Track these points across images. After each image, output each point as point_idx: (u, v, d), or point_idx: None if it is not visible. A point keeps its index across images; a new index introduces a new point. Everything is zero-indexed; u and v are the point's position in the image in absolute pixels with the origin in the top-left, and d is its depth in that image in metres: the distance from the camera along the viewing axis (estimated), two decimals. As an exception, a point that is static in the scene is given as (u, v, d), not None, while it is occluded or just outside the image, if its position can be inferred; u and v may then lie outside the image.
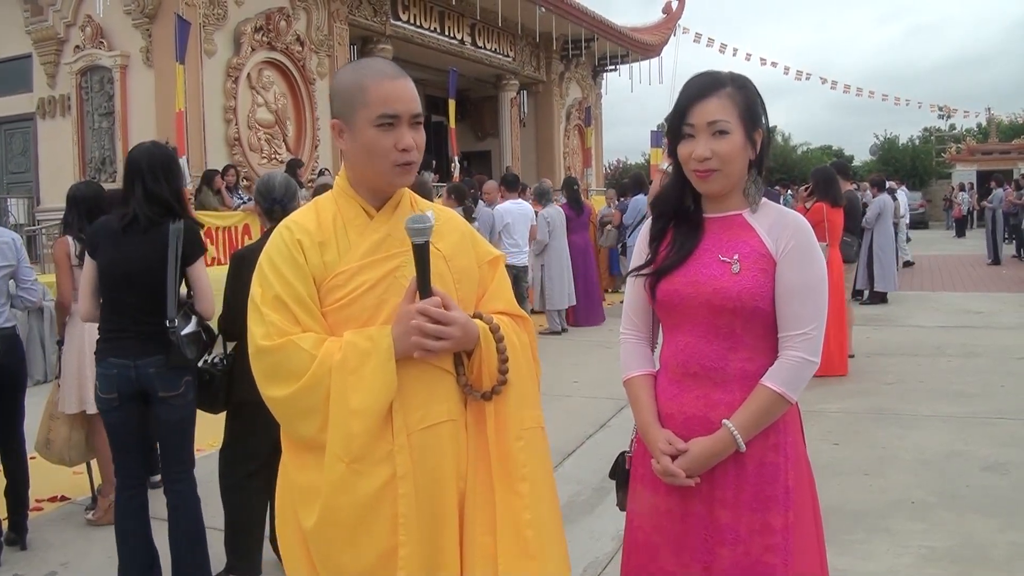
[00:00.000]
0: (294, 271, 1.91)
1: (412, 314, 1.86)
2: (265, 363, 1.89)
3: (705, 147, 2.04)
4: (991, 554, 3.88)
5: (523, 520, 1.93)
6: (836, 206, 7.73)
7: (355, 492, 1.83)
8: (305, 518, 1.88)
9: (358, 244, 1.95)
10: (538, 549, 1.93)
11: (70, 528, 4.64)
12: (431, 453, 1.90)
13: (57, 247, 4.64)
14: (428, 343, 1.87)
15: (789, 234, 2.06)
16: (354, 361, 1.84)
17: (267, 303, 1.89)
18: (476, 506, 1.94)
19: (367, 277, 1.92)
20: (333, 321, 1.92)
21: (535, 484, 1.97)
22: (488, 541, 1.92)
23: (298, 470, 1.94)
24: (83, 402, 4.51)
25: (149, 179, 3.54)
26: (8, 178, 15.43)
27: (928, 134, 50.42)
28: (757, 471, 2.05)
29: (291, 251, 1.92)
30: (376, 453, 1.84)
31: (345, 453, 1.82)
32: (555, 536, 2.02)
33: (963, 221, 30.98)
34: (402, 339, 1.87)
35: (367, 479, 1.83)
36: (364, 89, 1.92)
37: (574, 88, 25.35)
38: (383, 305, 1.92)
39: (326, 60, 15.17)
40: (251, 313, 1.92)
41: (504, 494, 1.95)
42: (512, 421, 1.98)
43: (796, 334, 2.03)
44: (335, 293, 1.92)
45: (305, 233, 1.94)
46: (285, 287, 1.89)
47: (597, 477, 4.98)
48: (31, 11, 13.98)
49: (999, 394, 6.80)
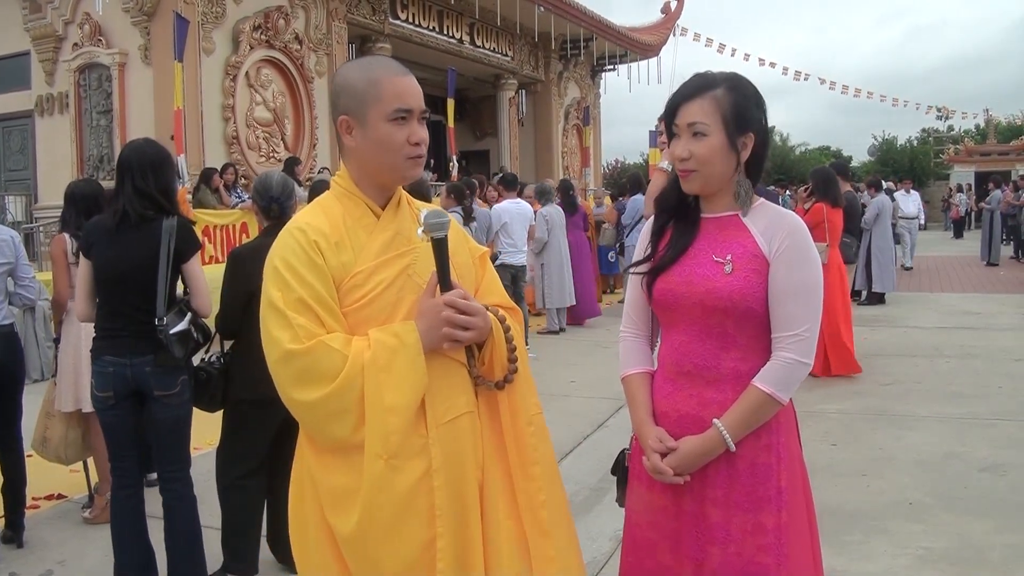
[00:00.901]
0: (314, 273, 1.91)
1: (440, 307, 1.91)
2: (295, 367, 1.87)
3: (684, 147, 2.09)
4: (988, 555, 3.89)
5: (538, 501, 2.03)
6: (836, 207, 7.72)
7: (394, 488, 1.86)
8: (342, 522, 1.89)
9: (370, 243, 1.97)
10: (552, 526, 2.04)
11: (67, 526, 4.64)
12: (456, 445, 1.95)
13: (54, 244, 4.63)
14: (458, 334, 1.93)
15: (784, 235, 2.07)
16: (384, 358, 1.87)
17: (291, 306, 1.88)
18: (496, 492, 2.01)
19: (384, 276, 1.95)
20: (353, 321, 1.93)
21: (546, 466, 2.08)
22: (512, 524, 2.00)
23: (326, 474, 1.93)
24: (79, 400, 4.50)
25: (138, 176, 3.54)
26: (6, 175, 15.41)
27: (926, 135, 50.47)
28: (749, 471, 2.06)
29: (309, 253, 1.92)
30: (412, 448, 1.88)
31: (384, 450, 1.85)
32: (564, 514, 2.12)
33: (961, 222, 31.01)
34: (430, 332, 1.91)
35: (404, 474, 1.87)
36: (377, 84, 1.95)
37: (573, 88, 25.33)
38: (400, 303, 1.96)
39: (324, 59, 15.15)
40: (272, 318, 1.90)
41: (521, 479, 2.03)
42: (521, 408, 2.07)
43: (788, 335, 2.04)
44: (354, 293, 1.93)
45: (321, 235, 1.94)
46: (307, 289, 1.89)
47: (595, 477, 4.98)
48: (30, 8, 13.96)
49: (997, 395, 6.81)
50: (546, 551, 2.00)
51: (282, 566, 3.94)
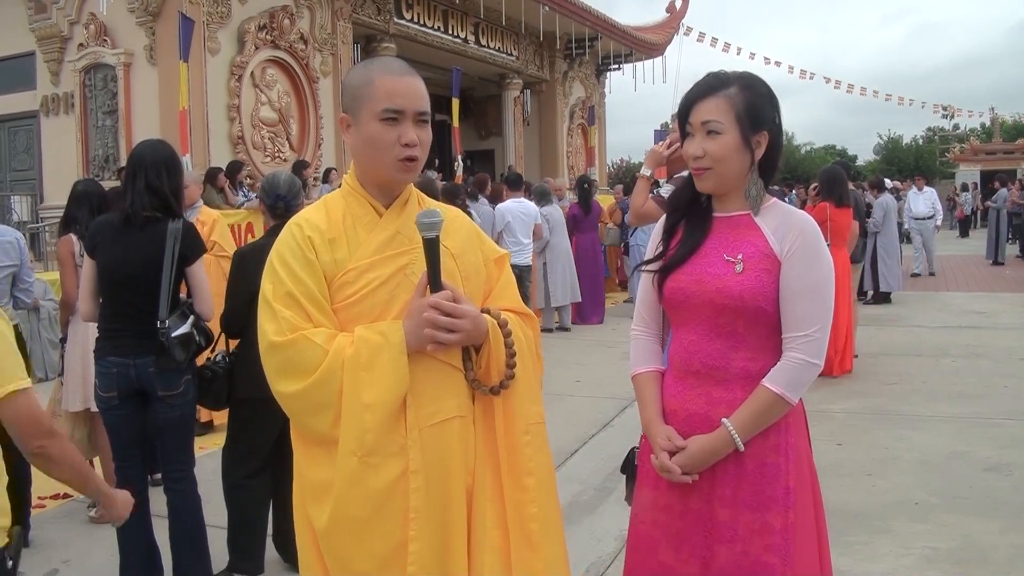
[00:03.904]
0: (306, 268, 1.92)
1: (424, 307, 1.89)
2: (277, 359, 1.90)
3: (698, 146, 2.09)
4: (992, 556, 3.88)
5: (528, 513, 1.99)
6: (841, 205, 7.62)
7: (367, 486, 1.85)
8: (317, 516, 1.90)
9: (368, 241, 1.98)
10: (541, 541, 1.99)
11: (72, 526, 4.65)
12: (441, 449, 1.93)
13: (61, 245, 4.64)
14: (440, 335, 1.90)
15: (795, 234, 2.07)
16: (366, 355, 1.87)
17: (279, 299, 1.91)
18: (484, 500, 1.98)
19: (377, 274, 1.95)
20: (344, 318, 1.94)
21: (540, 479, 2.03)
22: (497, 535, 1.97)
23: (310, 466, 1.95)
24: (87, 400, 4.51)
25: (152, 173, 3.54)
26: (12, 175, 15.42)
27: (932, 134, 50.44)
28: (757, 471, 2.06)
29: (302, 248, 1.94)
30: (389, 447, 1.87)
31: (358, 447, 1.85)
32: (556, 529, 2.07)
33: (967, 221, 30.92)
34: (414, 333, 1.90)
35: (379, 473, 1.86)
36: (371, 83, 1.96)
37: (577, 87, 25.29)
38: (393, 302, 1.95)
39: (330, 59, 15.14)
40: (262, 310, 1.93)
41: (511, 489, 2.00)
42: (519, 416, 2.03)
43: (799, 335, 2.04)
44: (345, 290, 1.94)
45: (316, 230, 1.96)
46: (297, 284, 1.91)
47: (599, 477, 4.98)
48: (35, 9, 13.97)
49: (1002, 395, 6.79)
50: (533, 564, 1.97)
51: (288, 565, 3.95)
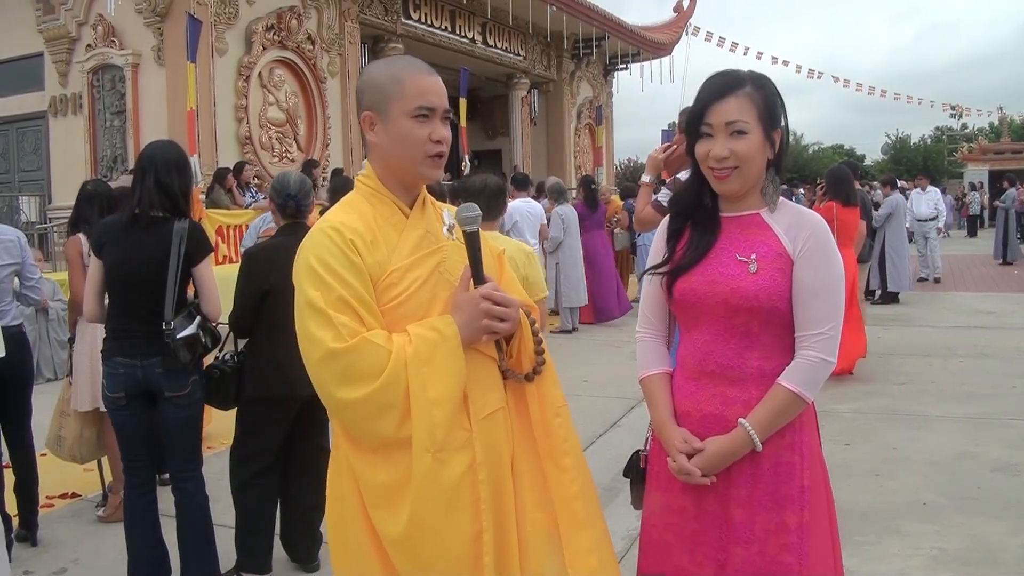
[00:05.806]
0: (352, 272, 1.91)
1: (477, 299, 1.95)
2: (339, 365, 1.86)
3: (723, 147, 2.05)
4: (1001, 556, 3.87)
5: (571, 492, 2.06)
6: (848, 205, 7.56)
7: (441, 482, 1.87)
8: (390, 521, 1.89)
9: (402, 242, 1.99)
10: (586, 519, 2.06)
11: (81, 525, 4.67)
12: (493, 439, 1.98)
13: (69, 246, 4.65)
14: (496, 325, 1.96)
15: (807, 234, 2.06)
16: (426, 352, 1.89)
17: (332, 305, 1.87)
18: (525, 486, 2.03)
19: (418, 273, 1.98)
20: (390, 319, 1.95)
21: (576, 458, 2.11)
22: (540, 517, 2.02)
23: (372, 472, 1.93)
24: (96, 399, 4.51)
25: (162, 171, 3.54)
26: (20, 176, 15.49)
27: (940, 133, 50.31)
28: (773, 470, 2.05)
29: (346, 252, 1.92)
30: (456, 441, 1.90)
31: (431, 443, 1.86)
32: (597, 507, 2.15)
33: (975, 220, 30.83)
34: (468, 325, 1.94)
35: (451, 467, 1.89)
36: (401, 81, 1.98)
37: (585, 87, 25.28)
38: (435, 300, 1.99)
39: (337, 59, 15.18)
40: (311, 317, 1.88)
41: (553, 471, 2.06)
42: (549, 400, 2.11)
43: (813, 334, 2.03)
44: (391, 291, 1.95)
45: (356, 233, 1.95)
46: (347, 288, 1.89)
47: (607, 477, 4.97)
48: (43, 10, 14.04)
49: (1010, 395, 6.77)
50: (582, 543, 2.02)
51: (295, 564, 3.96)
